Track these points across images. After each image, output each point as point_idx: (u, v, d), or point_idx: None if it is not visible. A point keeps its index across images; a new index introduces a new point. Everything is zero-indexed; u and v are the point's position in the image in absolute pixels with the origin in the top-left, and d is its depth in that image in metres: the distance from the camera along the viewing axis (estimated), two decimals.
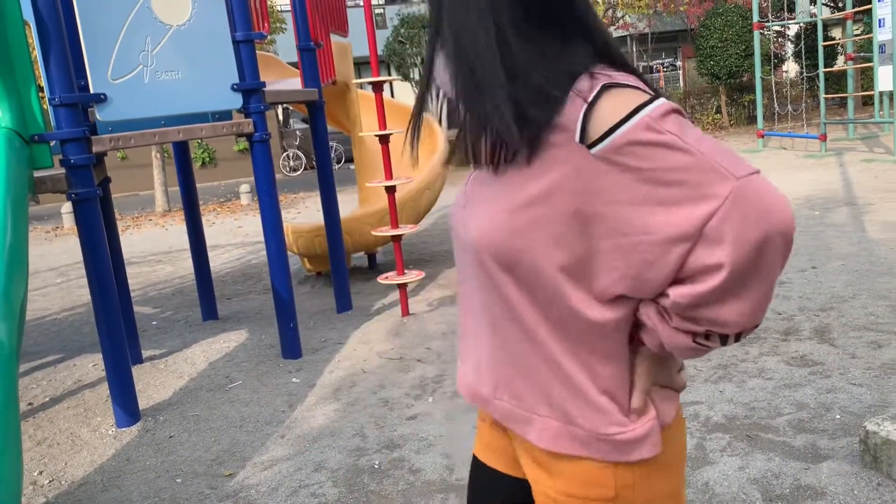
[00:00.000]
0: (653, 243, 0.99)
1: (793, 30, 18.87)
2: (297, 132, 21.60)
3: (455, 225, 1.21)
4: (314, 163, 20.61)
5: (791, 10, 13.57)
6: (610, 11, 16.38)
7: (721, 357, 3.96)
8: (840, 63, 18.41)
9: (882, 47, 10.85)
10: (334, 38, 6.11)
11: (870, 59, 12.42)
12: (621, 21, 18.25)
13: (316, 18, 5.38)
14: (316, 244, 6.40)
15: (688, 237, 0.97)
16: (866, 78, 17.12)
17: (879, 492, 2.58)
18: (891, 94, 9.56)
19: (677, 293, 1.01)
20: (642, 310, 1.09)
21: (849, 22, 13.62)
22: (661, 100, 1.00)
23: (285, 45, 20.22)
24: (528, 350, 1.13)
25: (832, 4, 19.35)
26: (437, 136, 7.58)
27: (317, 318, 5.65)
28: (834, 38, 17.12)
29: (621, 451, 1.11)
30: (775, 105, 14.56)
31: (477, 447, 1.38)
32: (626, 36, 24.45)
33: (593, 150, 0.99)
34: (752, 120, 18.77)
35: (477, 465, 1.38)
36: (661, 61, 25.95)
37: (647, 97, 0.99)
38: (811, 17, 12.81)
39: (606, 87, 1.01)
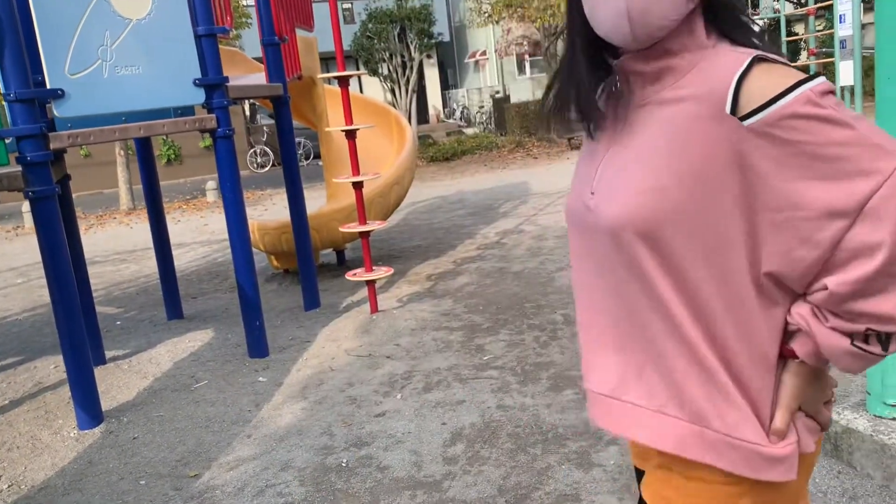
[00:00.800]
0: (807, 219, 0.96)
1: (757, 25, 19.09)
2: (265, 128, 21.39)
3: (579, 214, 1.15)
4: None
5: (755, 5, 13.76)
6: None
7: None
8: (803, 58, 18.71)
9: (843, 43, 11.04)
10: (300, 33, 6.05)
11: (831, 55, 12.63)
12: None
13: (280, 13, 5.32)
14: (282, 241, 6.34)
15: (846, 213, 0.94)
16: (828, 73, 17.43)
17: (840, 479, 2.62)
18: (852, 88, 9.75)
19: (836, 281, 0.97)
20: (795, 311, 1.04)
21: (811, 18, 13.84)
22: (822, 77, 0.98)
23: (251, 40, 19.99)
24: (670, 341, 1.06)
25: (795, 0, 19.66)
26: (406, 131, 7.55)
27: (284, 316, 5.60)
28: (797, 34, 17.40)
29: (753, 466, 1.03)
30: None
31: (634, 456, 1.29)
32: None
33: (746, 122, 0.97)
34: None
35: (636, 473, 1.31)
36: None
37: (803, 75, 0.97)
38: (774, 12, 13.01)
39: (758, 60, 1.00)
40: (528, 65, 26.36)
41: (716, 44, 1.06)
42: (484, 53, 27.86)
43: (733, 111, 0.98)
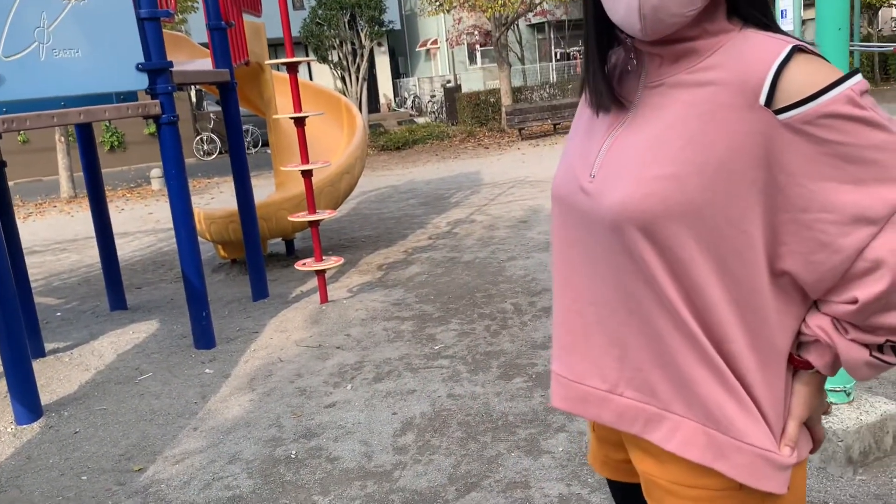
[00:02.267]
0: (833, 222, 0.92)
1: None
2: (211, 115, 20.97)
3: (573, 197, 1.08)
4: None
5: None
6: None
7: None
8: None
9: None
10: (247, 18, 5.93)
11: None
12: (539, 7, 18.41)
13: None
14: (230, 230, 6.23)
15: (875, 220, 0.90)
16: None
17: None
18: None
19: (866, 294, 0.92)
20: (813, 323, 1.00)
21: None
22: (860, 76, 0.93)
23: (196, 25, 19.55)
24: (677, 339, 1.00)
25: None
26: (357, 119, 7.48)
27: (231, 306, 5.50)
28: None
29: (756, 473, 0.99)
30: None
31: (594, 463, 1.28)
32: (544, 23, 24.72)
33: (782, 116, 0.91)
34: None
35: (610, 485, 1.28)
36: (577, 48, 26.34)
37: (842, 72, 0.92)
38: None
39: (798, 50, 0.94)
40: (479, 54, 26.38)
41: (742, 28, 1.00)
42: (435, 42, 27.77)
43: (768, 103, 0.92)
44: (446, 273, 5.83)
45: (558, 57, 25.99)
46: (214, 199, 11.97)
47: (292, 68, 5.05)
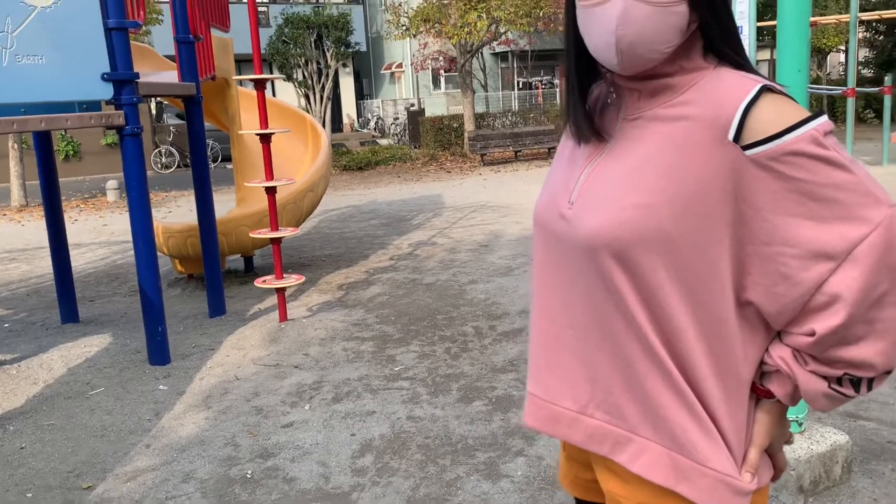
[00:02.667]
0: (794, 256, 0.96)
1: None
2: (171, 128, 20.71)
3: (552, 224, 1.11)
4: (188, 160, 19.84)
5: None
6: (493, 27, 16.74)
7: None
8: None
9: None
10: (215, 33, 5.90)
11: None
12: (504, 37, 18.69)
13: (196, 10, 5.18)
14: (188, 245, 6.14)
15: (833, 256, 0.94)
16: None
17: None
18: None
19: (822, 327, 0.96)
20: (775, 353, 1.04)
21: None
22: (825, 117, 0.97)
23: (161, 37, 19.36)
24: (646, 364, 1.03)
25: None
26: (322, 137, 7.48)
27: (187, 322, 5.41)
28: None
29: (717, 498, 1.02)
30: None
31: (564, 482, 1.29)
32: (507, 52, 25.07)
33: (749, 152, 0.95)
34: None
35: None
36: (539, 78, 26.77)
37: (808, 112, 0.97)
38: None
39: (766, 89, 0.98)
40: (443, 80, 26.61)
41: (716, 66, 1.05)
42: (400, 66, 27.94)
43: (736, 139, 0.96)
44: (407, 294, 5.83)
45: (521, 86, 26.37)
46: (172, 213, 11.79)
47: (260, 85, 5.04)
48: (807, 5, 2.45)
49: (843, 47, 21.34)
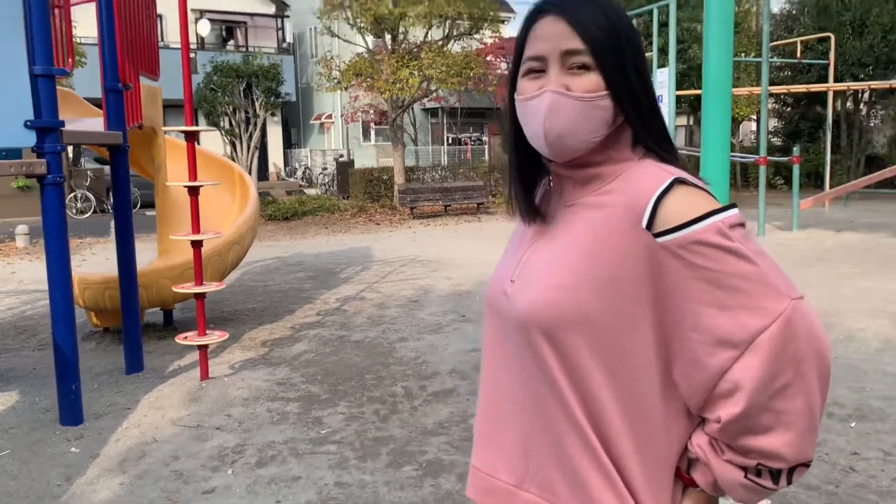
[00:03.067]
0: (701, 342, 1.00)
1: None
2: (89, 172, 20.06)
3: (497, 298, 1.17)
4: (105, 206, 19.17)
5: None
6: (424, 84, 17.05)
7: None
8: None
9: None
10: (144, 81, 5.79)
11: None
12: (434, 94, 19.04)
13: (126, 59, 5.08)
14: (106, 297, 5.90)
15: (735, 345, 0.98)
16: None
17: None
18: None
19: (726, 414, 0.99)
20: (695, 441, 1.06)
21: None
22: (735, 210, 1.02)
23: (82, 80, 18.88)
24: (575, 442, 1.07)
25: None
26: (250, 189, 7.37)
27: (102, 379, 5.16)
28: None
29: None
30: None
31: None
32: (437, 108, 25.52)
33: (660, 240, 1.00)
34: None
35: None
36: (468, 135, 27.30)
37: (718, 204, 1.02)
38: None
39: (679, 182, 1.04)
40: (373, 132, 26.82)
41: (642, 157, 1.12)
42: (329, 116, 28.02)
43: (649, 226, 1.02)
44: (335, 352, 5.73)
45: (450, 141, 26.82)
46: (86, 261, 11.33)
47: (191, 136, 4.95)
48: (727, 98, 2.59)
49: (754, 116, 22.61)
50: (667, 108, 11.73)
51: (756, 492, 1.04)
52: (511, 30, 25.43)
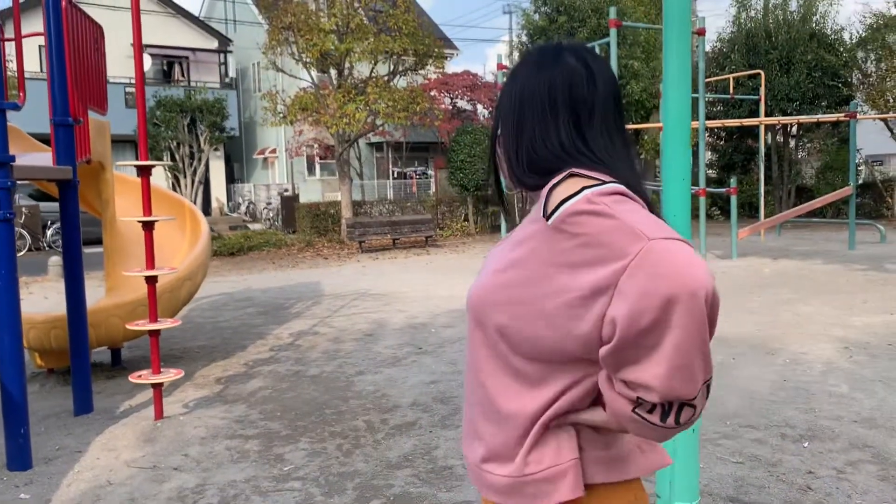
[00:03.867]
0: (583, 298, 1.11)
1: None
2: (24, 209, 19.43)
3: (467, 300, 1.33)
4: (40, 243, 18.56)
5: None
6: (370, 118, 17.13)
7: None
8: None
9: None
10: (92, 116, 5.69)
11: None
12: (380, 128, 19.14)
13: (76, 93, 4.99)
14: (51, 337, 5.71)
15: (604, 291, 1.08)
16: None
17: None
18: None
19: (604, 349, 1.10)
20: (599, 376, 1.17)
21: None
22: (612, 184, 1.15)
23: (15, 113, 18.34)
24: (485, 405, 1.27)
25: None
26: (201, 224, 7.27)
27: (49, 421, 4.98)
28: None
29: (538, 496, 1.19)
30: (517, 216, 15.99)
31: None
32: (382, 142, 25.65)
33: (549, 221, 1.15)
34: (496, 229, 20.40)
35: None
36: (414, 169, 27.46)
37: (599, 182, 1.15)
38: None
39: (571, 175, 1.19)
40: (318, 166, 26.74)
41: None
42: (274, 151, 27.85)
43: (544, 213, 1.17)
44: (292, 388, 5.65)
45: (396, 175, 26.91)
46: (24, 301, 10.92)
47: (145, 171, 4.88)
48: (686, 132, 2.71)
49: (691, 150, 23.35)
50: None
51: (645, 426, 1.12)
52: (454, 66, 25.83)
